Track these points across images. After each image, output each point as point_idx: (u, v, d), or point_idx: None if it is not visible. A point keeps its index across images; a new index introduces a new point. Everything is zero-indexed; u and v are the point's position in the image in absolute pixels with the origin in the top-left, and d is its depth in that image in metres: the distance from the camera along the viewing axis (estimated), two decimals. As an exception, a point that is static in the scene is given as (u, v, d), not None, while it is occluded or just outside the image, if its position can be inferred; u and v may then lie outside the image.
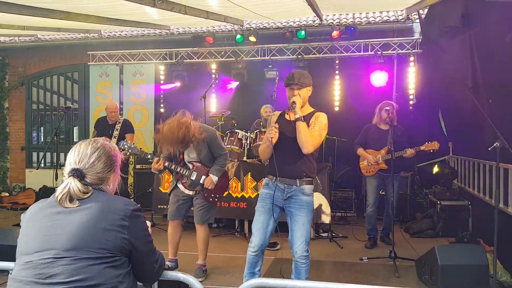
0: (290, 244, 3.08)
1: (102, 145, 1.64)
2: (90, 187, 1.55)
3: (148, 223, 1.77)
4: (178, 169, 3.89)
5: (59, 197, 1.50)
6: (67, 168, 1.58)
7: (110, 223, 1.47)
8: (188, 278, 1.85)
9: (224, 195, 5.03)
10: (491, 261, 3.45)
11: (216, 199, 4.00)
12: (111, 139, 5.56)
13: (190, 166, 3.94)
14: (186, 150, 3.91)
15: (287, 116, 3.14)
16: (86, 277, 1.39)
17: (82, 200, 1.51)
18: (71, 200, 1.50)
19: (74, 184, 1.50)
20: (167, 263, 4.09)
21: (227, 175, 4.22)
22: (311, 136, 2.97)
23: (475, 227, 5.38)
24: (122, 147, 3.81)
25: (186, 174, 3.90)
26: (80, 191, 1.50)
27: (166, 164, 3.84)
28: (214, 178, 3.90)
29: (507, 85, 3.67)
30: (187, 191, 3.98)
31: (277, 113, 3.29)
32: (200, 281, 3.76)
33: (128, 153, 3.84)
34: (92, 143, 1.63)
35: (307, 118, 3.07)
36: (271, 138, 2.93)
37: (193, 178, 3.91)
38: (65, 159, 1.68)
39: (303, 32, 7.04)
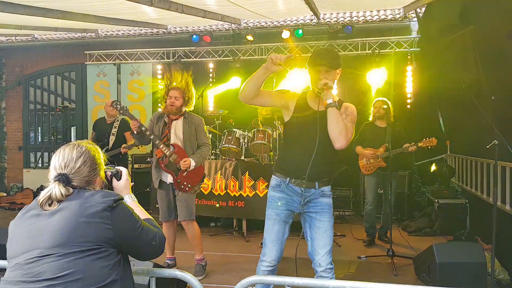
0: (310, 256, 2.63)
1: (86, 149, 1.65)
2: (72, 189, 1.55)
3: (124, 170, 1.78)
4: (161, 146, 3.81)
5: (40, 201, 1.52)
6: (51, 173, 1.58)
7: (92, 216, 1.47)
8: (186, 275, 1.85)
9: (205, 191, 4.97)
10: (489, 259, 3.45)
11: (188, 188, 3.89)
12: (109, 137, 5.57)
13: (172, 148, 3.87)
14: (174, 127, 3.89)
15: (309, 101, 2.57)
16: (72, 271, 1.40)
17: (62, 201, 1.52)
18: (51, 203, 1.51)
19: (57, 189, 1.52)
20: (166, 261, 4.10)
21: (202, 168, 4.11)
22: (347, 127, 2.44)
23: (473, 225, 5.39)
24: (115, 106, 3.89)
25: (167, 153, 3.82)
26: (62, 195, 1.52)
27: (143, 128, 3.76)
28: (192, 162, 3.83)
29: (508, 82, 3.67)
30: (164, 177, 3.91)
31: (294, 94, 2.71)
32: (201, 277, 3.82)
33: (120, 112, 3.87)
34: (76, 147, 1.63)
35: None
36: (279, 61, 2.30)
37: (172, 159, 3.83)
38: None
39: (300, 31, 7.03)
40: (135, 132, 3.77)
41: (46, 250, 1.42)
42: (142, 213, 1.73)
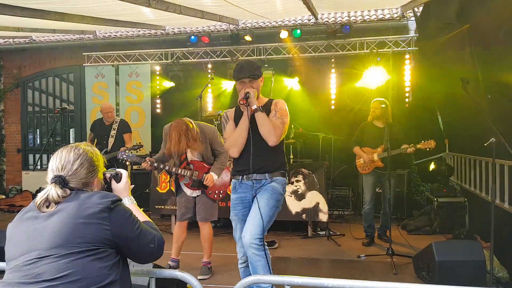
0: None
1: (84, 151, 1.65)
2: (69, 191, 1.56)
3: (125, 172, 1.78)
4: (179, 171, 3.91)
5: (38, 203, 1.52)
6: (49, 175, 1.59)
7: (90, 217, 1.48)
8: (185, 275, 1.85)
9: (230, 190, 5.04)
10: (488, 257, 3.46)
11: (221, 196, 4.07)
12: (108, 139, 5.56)
13: (192, 166, 3.97)
14: (189, 151, 3.94)
15: (243, 110, 2.85)
16: (71, 272, 1.41)
17: (59, 203, 1.52)
18: (48, 205, 1.52)
19: (54, 191, 1.52)
20: (169, 262, 4.12)
21: (229, 171, 4.26)
22: (274, 125, 2.76)
23: (472, 223, 5.40)
24: (121, 157, 3.98)
25: (188, 174, 3.92)
26: (59, 196, 1.52)
27: (156, 164, 3.83)
28: (215, 176, 3.94)
29: (505, 80, 3.67)
30: (190, 192, 4.01)
31: (232, 110, 3.07)
32: (206, 278, 3.83)
33: (128, 163, 3.97)
34: (74, 150, 1.64)
35: (265, 108, 2.85)
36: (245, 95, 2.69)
37: (195, 178, 3.93)
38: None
39: (298, 31, 7.04)
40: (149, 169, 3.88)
41: (44, 251, 1.42)
42: (141, 216, 1.74)
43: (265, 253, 2.71)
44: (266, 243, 2.79)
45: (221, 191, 4.07)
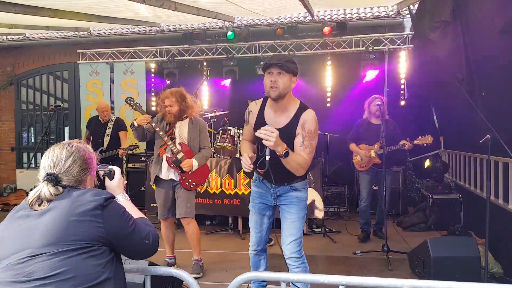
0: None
1: (76, 148, 1.63)
2: (61, 188, 1.54)
3: (118, 169, 1.77)
4: (169, 142, 3.86)
5: (30, 201, 1.51)
6: (41, 173, 1.58)
7: (82, 215, 1.46)
8: (181, 273, 1.84)
9: (201, 189, 5.02)
10: (482, 253, 3.48)
11: (192, 186, 3.94)
12: (103, 138, 5.52)
13: (179, 146, 3.91)
14: (178, 127, 3.94)
15: (266, 114, 2.68)
16: (64, 270, 1.39)
17: (52, 201, 1.51)
18: (40, 203, 1.50)
19: (46, 189, 1.51)
20: (166, 260, 4.11)
21: (208, 168, 4.23)
22: (299, 163, 2.52)
23: (467, 220, 5.43)
24: (128, 101, 4.02)
25: (174, 150, 3.87)
26: (51, 194, 1.51)
27: (153, 124, 3.86)
28: (195, 162, 3.89)
29: (499, 78, 3.69)
30: (166, 169, 3.91)
31: (258, 105, 2.78)
32: (198, 276, 3.82)
33: (134, 107, 4.01)
34: (66, 147, 1.62)
35: (292, 122, 2.61)
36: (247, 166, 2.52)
37: (179, 157, 3.87)
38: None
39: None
40: (137, 124, 3.83)
41: (37, 249, 1.41)
42: (135, 212, 1.73)
43: (305, 265, 2.75)
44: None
45: (194, 183, 3.94)
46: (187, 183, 3.92)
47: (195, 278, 3.78)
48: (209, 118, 6.40)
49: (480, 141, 3.28)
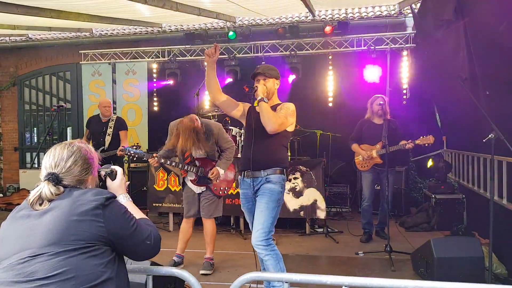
0: None
1: (78, 148, 1.62)
2: (62, 188, 1.54)
3: (119, 170, 1.77)
4: (185, 167, 3.95)
5: (30, 200, 1.51)
6: (42, 172, 1.57)
7: (83, 214, 1.46)
8: (183, 273, 1.83)
9: (234, 187, 5.10)
10: (486, 253, 3.46)
11: (226, 192, 4.12)
12: (105, 137, 5.52)
13: (197, 162, 4.01)
14: (193, 147, 3.98)
15: (256, 108, 3.02)
16: (65, 270, 1.39)
17: (53, 200, 1.51)
18: (41, 203, 1.50)
19: (47, 188, 1.51)
20: (174, 258, 4.13)
21: (234, 167, 4.34)
22: (275, 115, 2.88)
23: (470, 220, 5.40)
24: (128, 153, 4.02)
25: (194, 171, 3.96)
26: (52, 194, 1.50)
27: (162, 161, 3.96)
28: (221, 171, 3.98)
29: (503, 76, 3.66)
30: (195, 188, 4.04)
31: (248, 104, 3.19)
32: (208, 273, 3.85)
33: (135, 158, 4.03)
34: (68, 147, 1.61)
35: (273, 108, 3.00)
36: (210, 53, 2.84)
37: (201, 174, 3.97)
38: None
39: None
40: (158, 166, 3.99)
41: (38, 249, 1.40)
42: (137, 213, 1.72)
43: (274, 252, 2.86)
44: (274, 242, 2.92)
45: (226, 188, 4.13)
46: (220, 192, 4.06)
47: (205, 274, 3.86)
48: (210, 117, 6.40)
49: (484, 140, 3.25)
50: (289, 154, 6.47)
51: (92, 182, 1.67)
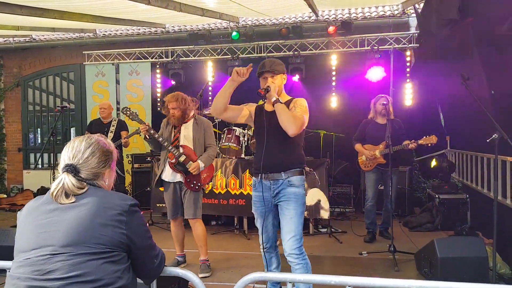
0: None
1: (96, 140, 1.62)
2: (85, 183, 1.53)
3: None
4: (170, 148, 3.96)
5: (54, 193, 1.48)
6: (61, 164, 1.56)
7: (108, 218, 1.45)
8: (187, 273, 1.84)
9: (207, 188, 5.07)
10: (490, 253, 3.45)
11: (197, 188, 4.01)
12: (107, 136, 5.56)
13: (181, 149, 4.01)
14: (184, 129, 4.04)
15: (266, 107, 2.95)
16: (83, 273, 1.38)
17: (78, 196, 1.49)
18: (67, 196, 1.48)
19: (68, 180, 1.49)
20: (176, 258, 4.18)
21: (213, 168, 4.34)
22: (295, 116, 2.75)
23: (474, 220, 5.38)
24: (125, 112, 4.11)
25: (176, 154, 3.95)
26: (74, 186, 1.49)
27: (152, 132, 3.96)
28: (201, 164, 3.97)
29: (508, 75, 3.65)
30: (170, 173, 4.01)
31: (253, 104, 3.11)
32: (207, 276, 3.84)
33: (130, 117, 4.10)
34: (86, 139, 1.62)
35: (285, 105, 2.87)
36: (238, 75, 2.76)
37: (181, 159, 3.96)
38: (63, 160, 1.67)
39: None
40: (147, 136, 3.96)
41: (59, 248, 1.39)
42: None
43: (305, 261, 2.80)
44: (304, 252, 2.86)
45: (198, 184, 4.01)
46: (191, 185, 3.99)
47: (205, 277, 3.83)
48: (214, 118, 6.40)
49: (488, 140, 3.24)
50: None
51: (109, 176, 1.65)
